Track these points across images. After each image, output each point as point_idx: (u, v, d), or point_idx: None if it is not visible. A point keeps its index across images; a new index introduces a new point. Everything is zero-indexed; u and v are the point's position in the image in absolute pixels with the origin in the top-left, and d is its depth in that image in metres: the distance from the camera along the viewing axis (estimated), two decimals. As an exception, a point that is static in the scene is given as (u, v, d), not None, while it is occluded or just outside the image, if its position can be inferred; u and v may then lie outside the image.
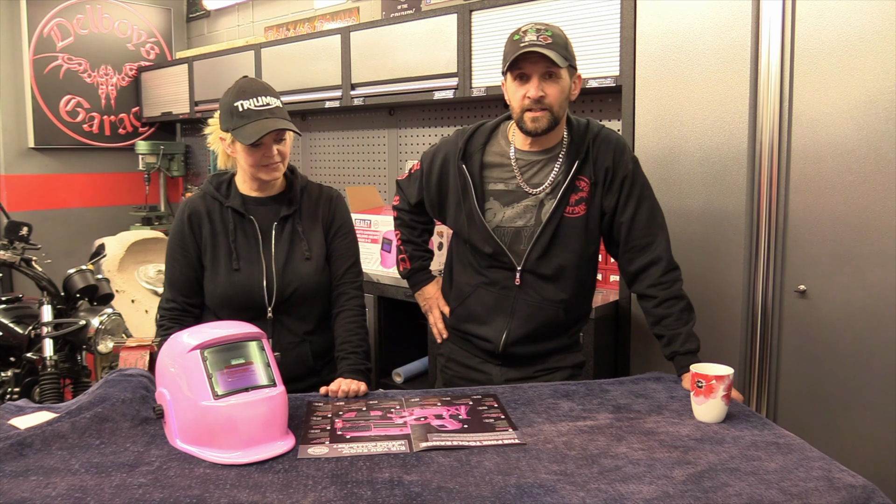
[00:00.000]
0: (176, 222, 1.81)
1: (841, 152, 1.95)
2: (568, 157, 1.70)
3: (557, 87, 1.61)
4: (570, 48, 1.63)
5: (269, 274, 1.76)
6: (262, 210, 1.79)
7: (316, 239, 1.82)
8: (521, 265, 1.71)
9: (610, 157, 1.69)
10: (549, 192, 1.70)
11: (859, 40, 1.90)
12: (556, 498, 1.11)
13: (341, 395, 1.59)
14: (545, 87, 1.60)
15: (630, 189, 1.70)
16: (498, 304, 1.75)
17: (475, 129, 1.79)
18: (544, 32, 1.58)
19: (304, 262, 1.79)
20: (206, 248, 1.77)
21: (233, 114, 1.68)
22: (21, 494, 1.12)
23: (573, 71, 1.65)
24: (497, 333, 1.76)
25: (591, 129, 1.72)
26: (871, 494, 1.13)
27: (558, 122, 1.65)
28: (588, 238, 1.72)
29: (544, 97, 1.60)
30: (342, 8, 4.04)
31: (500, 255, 1.72)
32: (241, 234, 1.77)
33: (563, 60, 1.57)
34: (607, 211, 1.71)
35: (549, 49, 1.56)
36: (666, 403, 1.54)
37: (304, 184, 1.85)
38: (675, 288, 1.69)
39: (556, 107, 1.62)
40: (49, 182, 4.80)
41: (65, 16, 4.74)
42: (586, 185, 1.69)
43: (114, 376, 1.55)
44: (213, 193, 1.80)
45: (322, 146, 4.20)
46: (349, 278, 1.85)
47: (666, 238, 1.73)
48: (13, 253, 2.72)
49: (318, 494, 1.13)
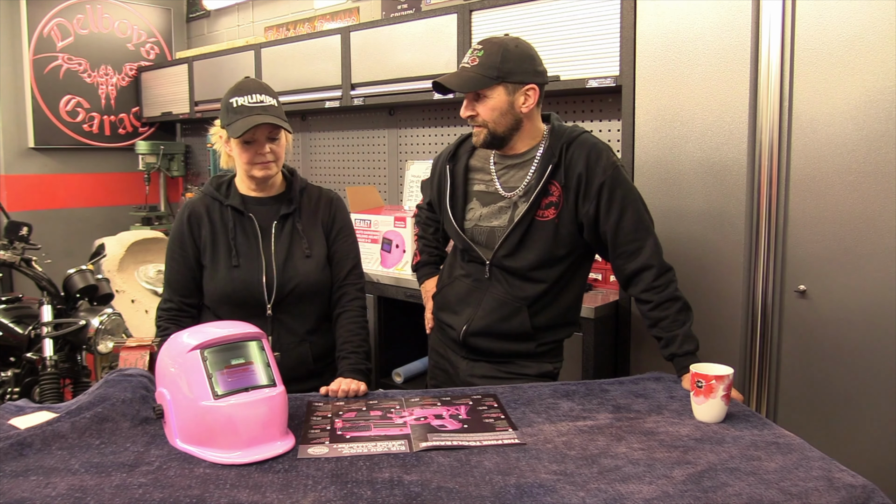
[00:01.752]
0: (176, 223, 1.83)
1: (841, 152, 1.95)
2: (542, 162, 1.73)
3: (486, 105, 1.68)
4: (507, 64, 1.65)
5: (268, 270, 1.77)
6: (262, 209, 1.81)
7: (316, 238, 1.83)
8: (489, 260, 1.77)
9: (583, 164, 1.69)
10: (523, 195, 1.74)
11: (859, 40, 1.90)
12: (556, 498, 1.11)
13: (341, 394, 1.59)
14: (476, 107, 1.69)
15: (610, 196, 1.68)
16: (468, 295, 1.82)
17: (470, 133, 1.85)
18: (476, 53, 1.68)
19: (305, 259, 1.80)
20: (206, 246, 1.78)
21: (228, 110, 1.71)
22: (21, 494, 1.12)
23: (518, 85, 1.67)
24: (461, 322, 1.82)
25: (569, 135, 1.73)
26: (871, 494, 1.13)
27: (499, 135, 1.71)
28: (558, 242, 1.72)
29: (475, 115, 1.70)
30: (342, 8, 4.04)
31: (470, 250, 1.80)
32: (240, 231, 1.79)
33: (482, 81, 1.64)
34: (585, 219, 1.70)
35: (463, 74, 1.66)
36: (666, 403, 1.54)
37: (303, 185, 1.88)
38: (670, 290, 1.68)
39: (490, 123, 1.70)
40: (49, 182, 4.80)
41: (65, 16, 4.74)
42: (557, 191, 1.71)
43: (114, 376, 1.55)
44: (212, 193, 1.81)
45: (322, 146, 4.20)
46: (351, 280, 1.87)
47: (655, 242, 1.71)
48: (13, 253, 2.72)
49: (318, 494, 1.13)
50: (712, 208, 2.18)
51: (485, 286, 1.79)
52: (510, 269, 1.76)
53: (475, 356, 1.84)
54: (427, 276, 2.07)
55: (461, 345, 1.84)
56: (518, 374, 1.81)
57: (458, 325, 1.83)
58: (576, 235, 1.74)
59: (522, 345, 1.80)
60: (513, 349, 1.80)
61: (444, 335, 1.91)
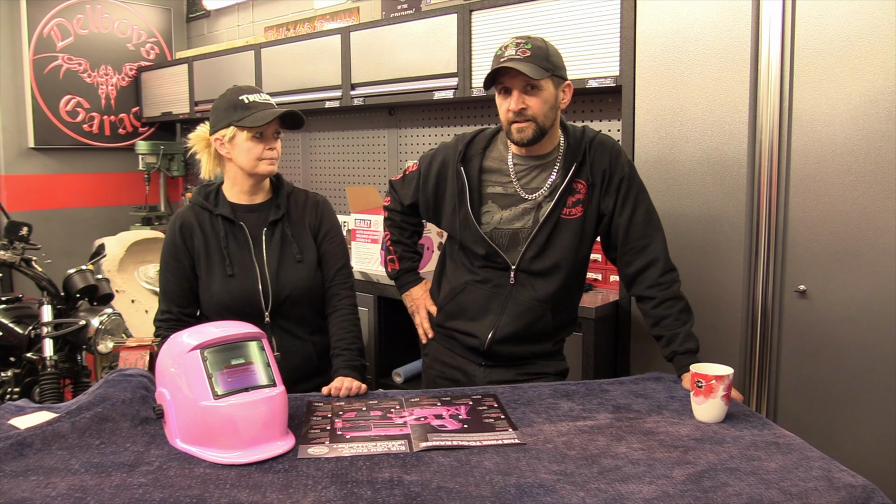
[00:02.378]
0: (168, 235, 1.83)
1: (841, 152, 1.95)
2: (565, 161, 1.73)
3: (539, 98, 1.64)
4: (552, 59, 1.64)
5: (263, 278, 1.78)
6: (251, 216, 1.82)
7: (305, 242, 1.85)
8: (515, 265, 1.74)
9: (606, 160, 1.73)
10: (547, 196, 1.73)
11: (859, 40, 1.90)
12: (556, 498, 1.11)
13: (343, 393, 1.60)
14: (526, 100, 1.63)
15: (627, 190, 1.73)
16: (489, 302, 1.78)
17: (475, 134, 1.83)
18: (523, 46, 1.62)
19: (297, 264, 1.81)
20: (200, 257, 1.79)
21: (237, 107, 1.72)
22: (21, 494, 1.12)
23: (560, 80, 1.67)
24: (484, 330, 1.78)
25: (588, 135, 1.76)
26: (871, 494, 1.13)
27: (545, 131, 1.68)
28: (583, 239, 1.75)
29: (526, 109, 1.64)
30: (342, 8, 4.04)
31: (493, 255, 1.74)
32: (232, 240, 1.80)
33: (542, 72, 1.60)
34: (605, 213, 1.74)
35: (526, 62, 1.59)
36: (666, 403, 1.54)
37: (290, 190, 1.90)
38: (674, 289, 1.71)
39: (539, 117, 1.65)
40: (49, 182, 4.80)
41: (65, 16, 4.74)
42: (583, 188, 1.73)
43: (114, 376, 1.55)
44: (201, 203, 1.82)
45: (322, 146, 4.20)
46: (340, 279, 1.87)
47: (663, 240, 1.74)
48: (13, 253, 2.72)
49: (318, 494, 1.13)
50: (712, 208, 2.18)
51: (506, 291, 1.76)
52: (535, 271, 1.74)
53: (495, 362, 1.81)
54: (412, 284, 1.99)
55: (483, 353, 1.80)
56: (539, 373, 1.80)
57: (480, 332, 1.78)
58: (595, 232, 1.77)
59: (542, 345, 1.80)
60: (535, 350, 1.80)
61: (454, 344, 1.87)
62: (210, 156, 1.82)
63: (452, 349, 1.88)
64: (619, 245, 1.75)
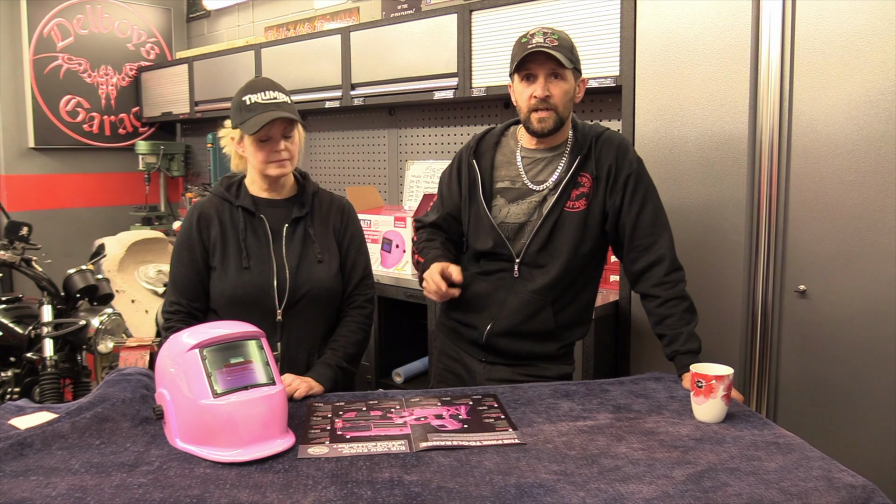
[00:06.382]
0: (184, 224, 1.80)
1: (841, 152, 1.95)
2: (572, 154, 1.74)
3: (562, 87, 1.67)
4: (575, 52, 1.69)
5: (280, 274, 1.74)
6: (273, 211, 1.79)
7: (328, 244, 1.81)
8: (519, 258, 1.75)
9: (612, 156, 1.74)
10: (552, 188, 1.74)
11: (859, 40, 1.90)
12: (556, 498, 1.11)
13: (289, 392, 1.54)
14: (550, 87, 1.66)
15: (635, 187, 1.73)
16: (490, 295, 1.78)
17: (486, 131, 1.86)
18: (551, 35, 1.65)
19: (317, 264, 1.78)
20: (216, 248, 1.75)
21: (241, 108, 1.69)
22: (21, 494, 1.12)
23: (578, 74, 1.71)
24: (484, 322, 1.78)
25: (596, 130, 1.78)
26: (871, 494, 1.13)
27: (563, 122, 1.71)
28: (585, 233, 1.74)
29: (550, 97, 1.66)
30: (342, 8, 4.04)
31: (500, 246, 1.75)
32: (251, 233, 1.76)
33: (569, 62, 1.64)
34: (611, 210, 1.74)
35: (555, 50, 1.62)
36: (666, 403, 1.54)
37: (315, 189, 1.86)
38: (679, 288, 1.71)
39: (560, 107, 1.68)
40: (49, 182, 4.80)
41: (65, 16, 4.74)
42: (588, 181, 1.73)
43: (114, 376, 1.55)
44: (222, 194, 1.79)
45: (322, 146, 4.20)
46: (361, 290, 1.85)
47: (670, 238, 1.75)
48: (13, 253, 2.72)
49: (318, 494, 1.13)
50: (713, 208, 2.18)
51: (509, 284, 1.77)
52: (538, 264, 1.74)
53: (494, 359, 1.81)
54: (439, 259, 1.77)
55: (482, 347, 1.80)
56: (538, 376, 1.79)
57: (480, 325, 1.79)
58: (600, 229, 1.76)
59: (545, 346, 1.79)
60: (535, 350, 1.79)
61: (457, 337, 1.87)
62: (234, 151, 1.79)
63: (456, 343, 1.88)
64: (625, 242, 1.75)
